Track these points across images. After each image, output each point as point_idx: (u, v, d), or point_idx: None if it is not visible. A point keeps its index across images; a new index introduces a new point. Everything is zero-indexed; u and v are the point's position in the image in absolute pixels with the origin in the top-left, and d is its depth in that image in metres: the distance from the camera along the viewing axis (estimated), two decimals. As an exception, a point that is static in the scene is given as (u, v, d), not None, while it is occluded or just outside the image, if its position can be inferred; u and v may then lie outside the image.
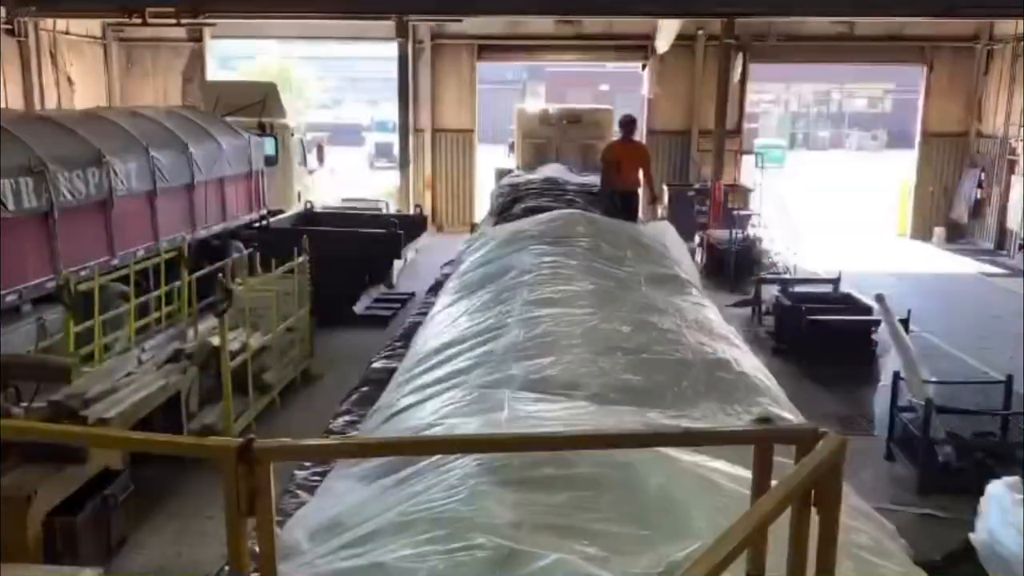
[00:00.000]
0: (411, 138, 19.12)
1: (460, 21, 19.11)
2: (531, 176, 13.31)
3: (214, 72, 20.59)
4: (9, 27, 16.41)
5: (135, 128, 10.65)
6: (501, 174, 16.62)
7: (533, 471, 2.61)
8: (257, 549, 1.86)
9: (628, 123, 12.25)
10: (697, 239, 15.98)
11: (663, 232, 8.43)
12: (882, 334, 8.79)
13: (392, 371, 5.12)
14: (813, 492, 1.80)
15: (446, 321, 5.42)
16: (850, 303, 10.77)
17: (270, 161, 14.95)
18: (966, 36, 19.32)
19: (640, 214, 11.94)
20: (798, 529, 1.85)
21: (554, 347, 4.19)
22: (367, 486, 2.92)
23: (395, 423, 3.68)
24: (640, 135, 21.15)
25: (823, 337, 9.79)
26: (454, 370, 4.13)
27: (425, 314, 6.46)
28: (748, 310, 12.22)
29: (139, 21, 16.56)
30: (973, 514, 5.74)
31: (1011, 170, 18.22)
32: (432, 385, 4.01)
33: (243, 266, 11.11)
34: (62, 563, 5.12)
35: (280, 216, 13.71)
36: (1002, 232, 18.55)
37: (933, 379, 7.76)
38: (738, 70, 18.51)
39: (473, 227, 12.58)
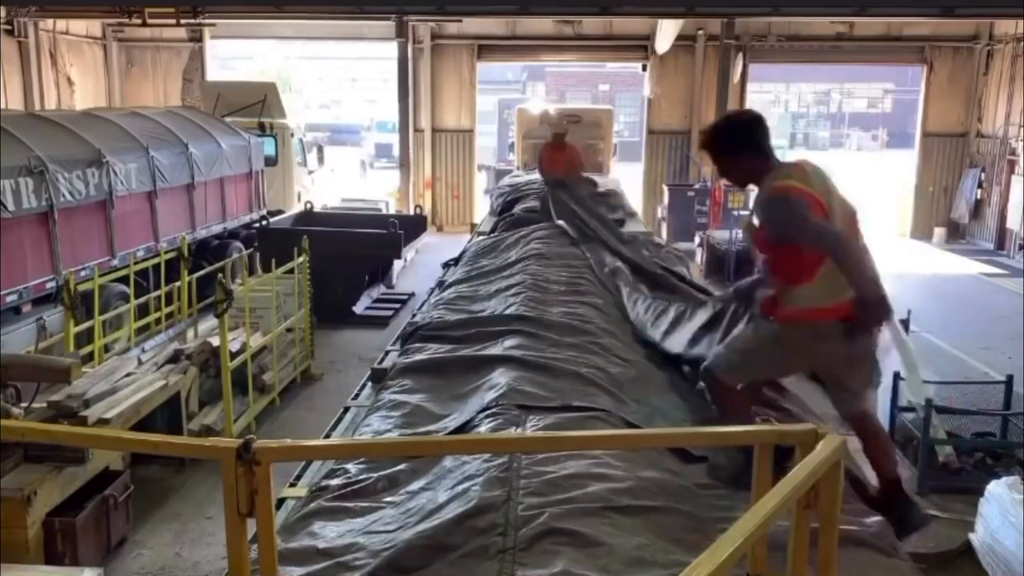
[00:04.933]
0: (411, 138, 19.14)
1: (460, 21, 19.12)
2: (531, 176, 13.28)
3: (214, 72, 20.60)
4: (9, 27, 16.42)
5: (135, 128, 10.65)
6: (501, 174, 16.62)
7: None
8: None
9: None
10: (697, 239, 15.97)
11: None
12: (882, 334, 8.78)
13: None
14: (813, 492, 1.80)
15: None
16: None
17: (270, 161, 14.97)
18: (966, 36, 19.33)
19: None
20: (798, 529, 1.85)
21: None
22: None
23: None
24: (640, 135, 21.25)
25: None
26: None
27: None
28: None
29: (139, 21, 16.57)
30: (973, 514, 5.75)
31: (1011, 170, 18.23)
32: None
33: (243, 266, 11.13)
34: (62, 563, 5.12)
35: (280, 216, 13.70)
36: (1002, 232, 18.56)
37: (933, 379, 7.75)
38: (738, 70, 18.52)
39: (473, 227, 12.56)
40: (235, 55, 35.65)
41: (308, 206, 14.45)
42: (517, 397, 3.61)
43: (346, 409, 4.57)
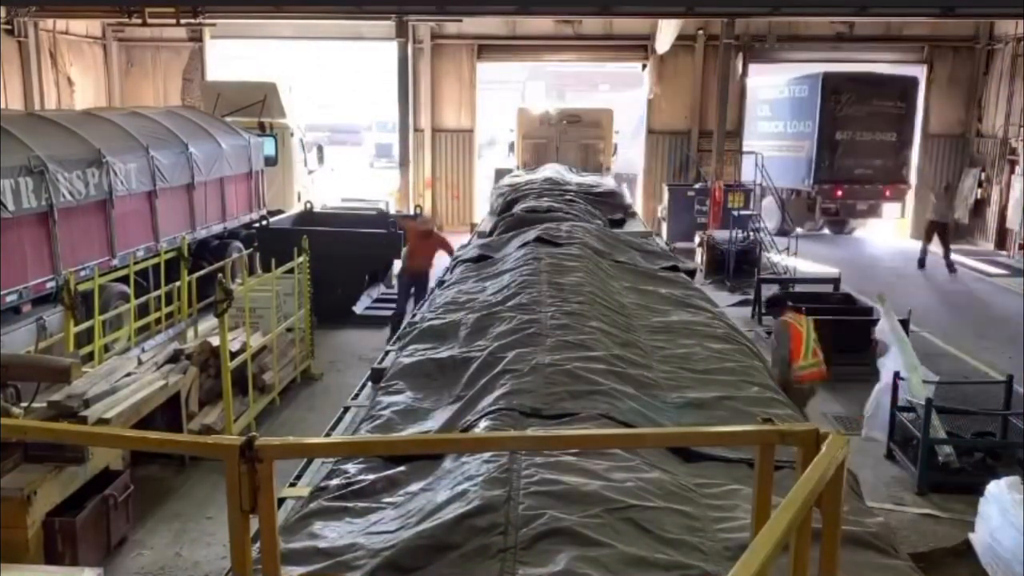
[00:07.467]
0: (411, 138, 19.14)
1: (460, 21, 19.13)
2: (531, 176, 13.28)
3: (214, 72, 20.60)
4: (9, 27, 16.42)
5: (135, 128, 10.65)
6: (501, 174, 16.61)
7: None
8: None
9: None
10: (697, 239, 15.97)
11: None
12: (882, 334, 8.79)
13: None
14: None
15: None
16: (850, 303, 10.76)
17: (270, 161, 14.96)
18: (966, 36, 19.34)
19: None
20: (800, 529, 1.85)
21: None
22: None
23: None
24: (640, 135, 21.25)
25: (823, 337, 9.77)
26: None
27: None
28: (748, 310, 12.22)
29: (139, 21, 16.58)
30: (973, 514, 5.75)
31: (1011, 170, 18.23)
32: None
33: (243, 266, 11.13)
34: (62, 563, 5.12)
35: (280, 216, 13.70)
36: (1002, 232, 18.56)
37: (933, 379, 7.75)
38: (738, 70, 18.53)
39: (473, 227, 12.57)
40: (235, 55, 35.53)
41: (308, 206, 14.45)
42: (518, 398, 3.61)
43: (346, 409, 4.57)
